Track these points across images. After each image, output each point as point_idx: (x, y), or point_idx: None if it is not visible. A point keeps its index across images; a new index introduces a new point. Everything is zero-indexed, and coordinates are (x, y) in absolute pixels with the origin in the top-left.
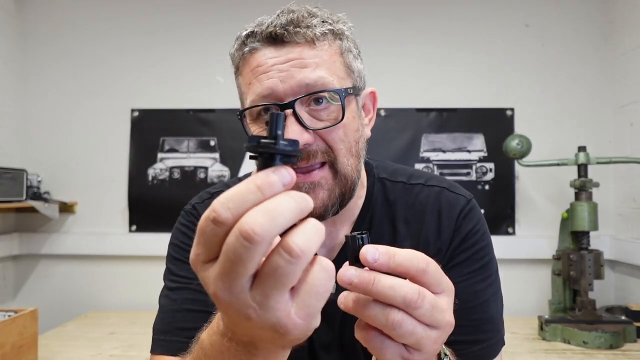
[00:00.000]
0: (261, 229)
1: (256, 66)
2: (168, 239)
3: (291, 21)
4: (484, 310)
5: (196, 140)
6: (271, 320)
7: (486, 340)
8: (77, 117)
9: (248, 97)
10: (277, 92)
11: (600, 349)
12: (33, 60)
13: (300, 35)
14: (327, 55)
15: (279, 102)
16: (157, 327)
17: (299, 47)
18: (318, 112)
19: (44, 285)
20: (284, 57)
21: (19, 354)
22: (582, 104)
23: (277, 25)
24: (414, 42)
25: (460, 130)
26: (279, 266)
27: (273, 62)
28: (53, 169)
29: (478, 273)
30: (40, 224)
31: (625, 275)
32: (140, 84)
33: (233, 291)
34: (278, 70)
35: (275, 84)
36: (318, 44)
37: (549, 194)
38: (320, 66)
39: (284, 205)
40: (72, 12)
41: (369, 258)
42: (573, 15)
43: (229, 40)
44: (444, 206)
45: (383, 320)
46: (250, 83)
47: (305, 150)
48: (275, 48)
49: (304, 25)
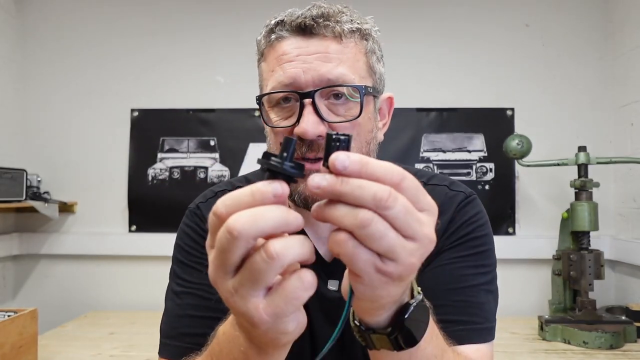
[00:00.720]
0: (241, 227)
1: (282, 54)
2: (168, 239)
3: (322, 14)
4: (470, 294)
5: (196, 140)
6: (242, 308)
7: (470, 322)
8: (77, 117)
9: (269, 83)
10: (298, 82)
11: (601, 349)
12: (33, 60)
13: (329, 29)
14: (352, 53)
15: (300, 91)
16: (163, 330)
17: (326, 41)
18: (336, 106)
19: (44, 285)
20: (310, 48)
21: (18, 354)
22: (582, 104)
23: (308, 16)
24: (414, 42)
25: (460, 130)
26: (255, 262)
27: (298, 52)
28: (53, 169)
29: (469, 259)
30: (40, 224)
31: (625, 275)
32: (140, 84)
33: (219, 276)
34: (302, 61)
35: (298, 74)
36: (345, 40)
37: (549, 194)
38: (344, 63)
39: (268, 211)
40: (72, 12)
41: (337, 165)
42: (573, 15)
43: (229, 41)
44: (444, 203)
45: (352, 219)
46: (273, 70)
47: (317, 142)
48: (303, 38)
49: (333, 20)
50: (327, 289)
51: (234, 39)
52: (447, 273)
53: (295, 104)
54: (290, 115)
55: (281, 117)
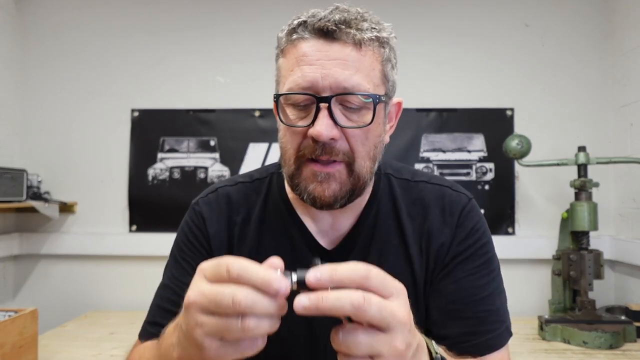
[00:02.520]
0: (245, 304)
1: (302, 55)
2: (168, 239)
3: (344, 20)
4: (488, 302)
5: (196, 140)
6: (199, 338)
7: (492, 331)
8: (77, 117)
9: (287, 82)
10: (316, 86)
11: (600, 349)
12: (33, 60)
13: (350, 36)
14: (369, 62)
15: (317, 95)
16: (147, 314)
17: (346, 48)
18: (350, 112)
19: (44, 285)
20: (330, 53)
21: (19, 354)
22: (582, 104)
23: (330, 20)
24: (413, 42)
25: (460, 131)
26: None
27: (319, 56)
28: (53, 169)
29: (482, 268)
30: (40, 224)
31: (625, 275)
32: (140, 84)
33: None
34: (321, 66)
35: (317, 78)
36: (364, 47)
37: (549, 194)
38: (360, 71)
39: (266, 303)
40: (72, 12)
41: (312, 279)
42: (573, 15)
43: (230, 41)
44: (447, 203)
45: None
46: (292, 70)
47: (330, 145)
48: (324, 42)
49: (354, 27)
50: None
51: (234, 39)
52: (467, 285)
53: (311, 106)
54: (306, 115)
55: (297, 117)
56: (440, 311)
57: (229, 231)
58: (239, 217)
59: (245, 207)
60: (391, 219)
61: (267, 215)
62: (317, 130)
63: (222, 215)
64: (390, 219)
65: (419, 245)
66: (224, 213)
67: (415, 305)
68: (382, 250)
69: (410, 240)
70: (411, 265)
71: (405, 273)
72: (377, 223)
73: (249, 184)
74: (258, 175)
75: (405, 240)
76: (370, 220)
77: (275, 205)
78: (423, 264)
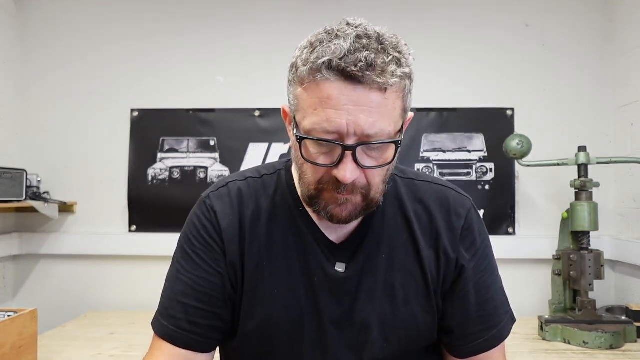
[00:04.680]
0: None
1: (327, 98)
2: (168, 239)
3: (370, 65)
4: (495, 299)
5: (196, 140)
6: None
7: (501, 322)
8: (77, 117)
9: (310, 120)
10: (341, 134)
11: (601, 349)
12: (33, 60)
13: (375, 82)
14: (392, 104)
15: (344, 144)
16: (159, 306)
17: (372, 94)
18: (371, 151)
19: (44, 285)
20: (354, 97)
21: (18, 354)
22: (582, 104)
23: (357, 64)
24: (413, 42)
25: (460, 130)
26: None
27: (344, 101)
28: (53, 169)
29: (488, 269)
30: (40, 224)
31: (625, 275)
32: (140, 84)
33: None
34: (347, 112)
35: (342, 125)
36: (389, 90)
37: (549, 194)
38: (383, 116)
39: None
40: (72, 12)
41: None
42: (573, 15)
43: (230, 41)
44: (452, 205)
45: None
46: (315, 109)
47: (352, 184)
48: (349, 85)
49: (379, 70)
50: (335, 270)
51: (234, 39)
52: (480, 286)
53: (334, 147)
54: (328, 152)
55: (319, 152)
56: (461, 313)
57: (240, 225)
58: (249, 211)
59: (254, 202)
60: (399, 216)
61: (276, 211)
62: (342, 175)
63: (233, 209)
64: (398, 217)
65: (428, 242)
66: (235, 207)
67: (427, 297)
68: (392, 246)
69: (419, 237)
70: (421, 260)
71: (416, 267)
72: (385, 219)
73: (258, 179)
74: (266, 172)
75: (414, 236)
76: (378, 216)
77: (284, 200)
78: (433, 261)
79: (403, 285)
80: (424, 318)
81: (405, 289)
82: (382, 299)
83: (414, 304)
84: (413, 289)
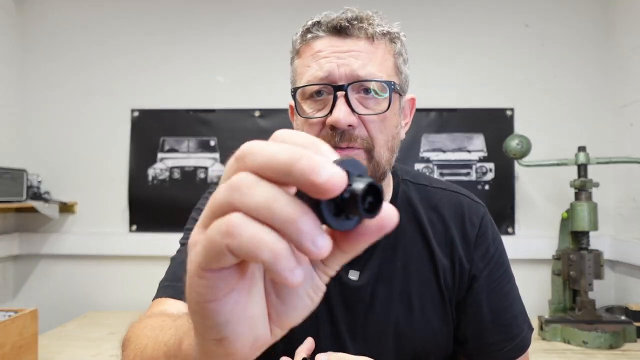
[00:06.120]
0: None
1: (318, 51)
2: (169, 239)
3: (356, 17)
4: (514, 307)
5: (196, 141)
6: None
7: (522, 331)
8: (77, 117)
9: (304, 77)
10: (333, 76)
11: (600, 348)
12: (33, 60)
13: (362, 30)
14: (381, 54)
15: (334, 84)
16: (165, 276)
17: (359, 41)
18: (366, 100)
19: (44, 285)
20: (344, 47)
21: (19, 354)
22: (582, 104)
23: (343, 18)
24: (413, 42)
25: (460, 130)
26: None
27: (333, 49)
28: (53, 169)
29: (504, 276)
30: (41, 224)
31: (625, 275)
32: (140, 84)
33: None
34: (337, 57)
35: (333, 68)
36: (376, 41)
37: (549, 194)
38: (374, 62)
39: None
40: (72, 12)
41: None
42: (573, 15)
43: (230, 41)
44: (467, 212)
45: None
46: (308, 65)
47: (348, 132)
48: (338, 38)
49: (366, 23)
50: (348, 278)
51: (234, 39)
52: (497, 294)
53: (328, 97)
54: (323, 107)
55: (314, 109)
56: (475, 322)
57: None
58: None
59: None
60: (413, 223)
61: None
62: (335, 117)
63: None
64: (412, 223)
65: (443, 251)
66: None
67: (443, 307)
68: (407, 253)
69: (435, 245)
70: (437, 270)
71: (431, 277)
72: (399, 226)
73: None
74: None
75: (429, 244)
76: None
77: None
78: (449, 270)
79: (420, 295)
80: (441, 329)
81: (421, 299)
82: (398, 308)
83: (431, 315)
84: (429, 299)
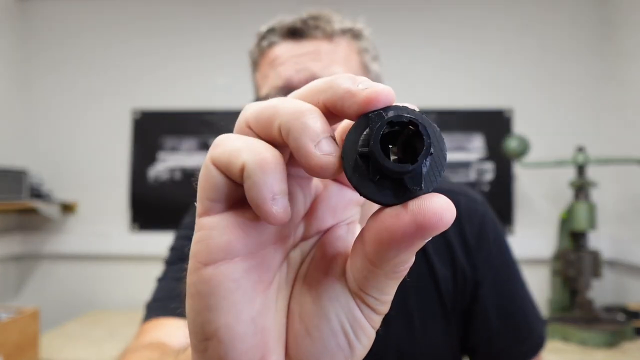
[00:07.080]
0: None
1: (274, 59)
2: (170, 239)
3: (311, 17)
4: (524, 307)
5: (197, 141)
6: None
7: (535, 330)
8: (78, 117)
9: (264, 89)
10: (292, 83)
11: (599, 348)
12: (35, 60)
13: (319, 30)
14: (344, 53)
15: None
16: (151, 299)
17: (317, 42)
18: None
19: (46, 285)
20: (302, 51)
21: (20, 354)
22: (581, 104)
23: (297, 20)
24: (412, 43)
25: (459, 131)
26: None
27: (290, 54)
28: (54, 169)
29: (510, 277)
30: (42, 224)
31: (623, 275)
32: (141, 85)
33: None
34: (295, 62)
35: (291, 74)
36: (335, 39)
37: (547, 194)
38: (336, 62)
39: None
40: (74, 14)
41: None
42: (572, 15)
43: (230, 41)
44: (464, 213)
45: None
46: (266, 76)
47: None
48: (294, 42)
49: (323, 21)
50: None
51: (234, 40)
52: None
53: None
54: None
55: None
56: (484, 330)
57: None
58: None
59: None
60: None
61: None
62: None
63: None
64: None
65: (441, 259)
66: None
67: (445, 319)
68: None
69: (432, 254)
70: (436, 278)
71: (430, 286)
72: None
73: None
74: None
75: (426, 254)
76: None
77: None
78: (450, 279)
79: (419, 309)
80: (445, 343)
81: (422, 313)
82: (398, 325)
83: (433, 329)
84: (430, 312)
